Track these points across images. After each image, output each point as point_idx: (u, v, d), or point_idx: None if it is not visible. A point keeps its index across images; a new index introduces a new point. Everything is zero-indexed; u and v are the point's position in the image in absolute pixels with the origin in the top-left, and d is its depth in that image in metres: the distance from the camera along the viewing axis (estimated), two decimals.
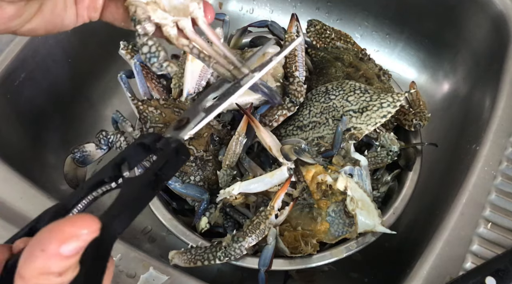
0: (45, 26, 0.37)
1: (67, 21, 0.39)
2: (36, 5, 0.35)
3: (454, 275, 0.50)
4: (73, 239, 0.26)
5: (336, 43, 0.78)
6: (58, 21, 0.38)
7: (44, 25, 0.37)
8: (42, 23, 0.37)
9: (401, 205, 0.63)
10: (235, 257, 0.54)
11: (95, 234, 0.27)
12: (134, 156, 0.37)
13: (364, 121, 0.62)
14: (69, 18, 0.39)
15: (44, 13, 0.36)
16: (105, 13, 0.40)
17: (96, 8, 0.40)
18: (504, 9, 0.73)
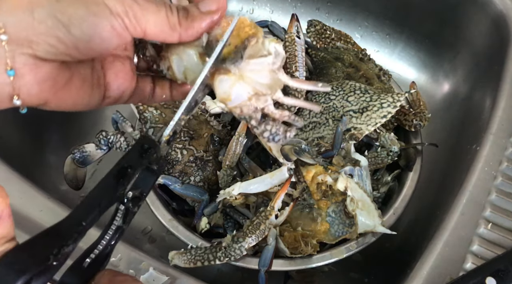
0: (73, 99, 0.38)
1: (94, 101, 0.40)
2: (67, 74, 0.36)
3: (454, 275, 0.49)
4: None
5: (336, 43, 0.78)
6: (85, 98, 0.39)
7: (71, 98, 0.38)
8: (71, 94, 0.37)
9: (401, 205, 0.63)
10: (235, 258, 0.54)
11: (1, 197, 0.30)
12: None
13: (364, 121, 0.62)
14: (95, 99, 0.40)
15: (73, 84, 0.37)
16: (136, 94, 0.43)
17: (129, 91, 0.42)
18: (504, 9, 0.73)
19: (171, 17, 0.37)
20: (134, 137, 0.67)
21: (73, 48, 0.34)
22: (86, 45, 0.34)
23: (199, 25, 0.37)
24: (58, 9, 0.33)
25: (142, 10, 0.35)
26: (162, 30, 0.36)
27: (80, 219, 0.32)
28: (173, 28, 0.37)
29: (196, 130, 0.67)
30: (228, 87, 0.39)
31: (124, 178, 0.36)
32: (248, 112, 0.40)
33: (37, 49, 0.33)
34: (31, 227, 0.53)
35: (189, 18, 0.37)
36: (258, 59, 0.39)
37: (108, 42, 0.35)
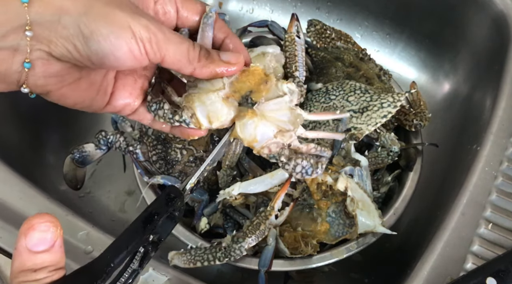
0: (74, 98, 0.40)
1: (95, 105, 0.42)
2: (76, 75, 0.39)
3: (455, 275, 0.49)
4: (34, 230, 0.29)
5: (337, 43, 0.78)
6: (88, 100, 0.41)
7: (74, 97, 0.40)
8: (74, 93, 0.40)
9: (401, 205, 0.63)
10: (234, 258, 0.54)
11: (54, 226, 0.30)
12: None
13: (365, 121, 0.62)
14: (97, 103, 0.43)
15: (80, 86, 0.40)
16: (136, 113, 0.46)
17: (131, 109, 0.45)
18: (505, 9, 0.73)
19: (192, 52, 0.40)
20: (133, 137, 0.67)
21: (86, 58, 0.36)
22: (100, 60, 0.36)
23: (214, 68, 0.41)
24: (83, 22, 0.35)
25: (166, 39, 0.38)
26: (179, 60, 0.39)
27: (110, 261, 0.34)
28: (191, 61, 0.40)
29: None
30: (253, 129, 0.42)
31: (150, 223, 0.39)
32: (276, 150, 0.43)
33: (54, 50, 0.35)
34: None
35: (209, 59, 0.41)
36: (275, 99, 0.43)
37: (122, 62, 0.37)
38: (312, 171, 0.46)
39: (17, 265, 0.29)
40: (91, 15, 0.35)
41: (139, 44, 0.36)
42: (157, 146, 0.65)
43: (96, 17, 0.35)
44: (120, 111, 0.45)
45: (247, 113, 0.42)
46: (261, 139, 0.43)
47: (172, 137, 0.65)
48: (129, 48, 0.36)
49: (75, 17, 0.35)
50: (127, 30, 0.36)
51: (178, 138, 0.65)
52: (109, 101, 0.43)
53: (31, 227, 0.29)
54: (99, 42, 0.35)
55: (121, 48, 0.36)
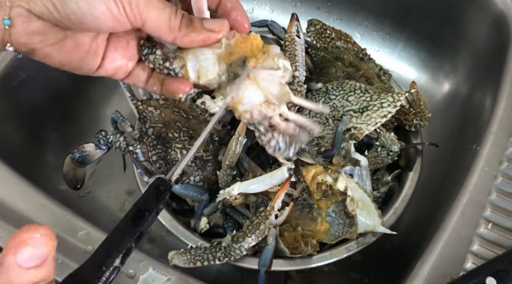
0: (60, 58, 0.40)
1: (85, 67, 0.42)
2: (60, 35, 0.38)
3: (455, 275, 0.49)
4: (26, 246, 0.26)
5: (336, 42, 0.78)
6: (75, 61, 0.41)
7: (59, 57, 0.40)
8: (59, 53, 0.39)
9: (401, 205, 0.63)
10: (234, 258, 0.54)
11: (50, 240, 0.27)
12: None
13: (365, 121, 0.62)
14: (87, 66, 0.42)
15: (65, 46, 0.39)
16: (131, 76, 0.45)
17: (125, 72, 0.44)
18: (505, 8, 0.73)
19: (173, 19, 0.38)
20: (133, 137, 0.67)
21: (66, 18, 0.36)
22: (79, 19, 0.36)
23: (195, 37, 0.39)
24: None
25: (147, 2, 0.37)
26: (160, 27, 0.38)
27: (101, 264, 0.33)
28: (172, 29, 0.38)
29: (195, 130, 0.67)
30: (242, 90, 0.41)
31: (140, 220, 0.37)
32: (258, 118, 0.42)
33: (33, 7, 0.35)
34: None
35: (190, 27, 0.39)
36: (270, 70, 0.42)
37: (102, 22, 0.37)
38: (284, 149, 0.45)
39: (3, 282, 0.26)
40: None
41: (118, 4, 0.36)
42: (157, 146, 0.65)
43: None
44: (113, 74, 0.44)
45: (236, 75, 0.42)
46: (247, 102, 0.42)
47: (172, 137, 0.65)
48: (108, 8, 0.36)
49: None
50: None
51: (178, 138, 0.65)
52: (101, 64, 0.42)
53: (22, 242, 0.26)
54: (77, 2, 0.35)
55: (99, 7, 0.36)
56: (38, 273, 0.27)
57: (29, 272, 0.27)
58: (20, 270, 0.26)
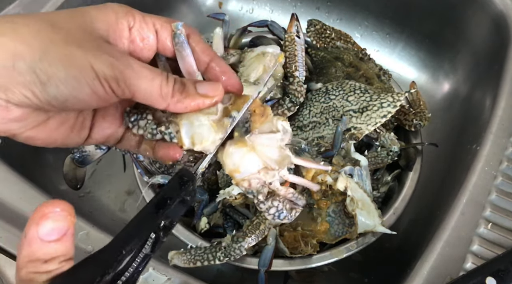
0: (45, 139, 0.38)
1: (71, 142, 0.39)
2: (41, 118, 0.36)
3: (455, 275, 0.49)
4: (47, 219, 0.28)
5: (336, 43, 0.78)
6: (60, 139, 0.39)
7: (43, 138, 0.37)
8: (43, 135, 0.37)
9: (401, 205, 0.63)
10: (234, 258, 0.54)
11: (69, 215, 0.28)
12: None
13: (364, 121, 0.62)
14: (74, 140, 0.40)
15: (48, 126, 0.37)
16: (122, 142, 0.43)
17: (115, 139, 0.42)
18: (505, 9, 0.73)
19: (165, 87, 0.36)
20: None
21: (46, 103, 0.34)
22: (61, 104, 0.34)
23: (189, 103, 0.37)
24: (39, 67, 0.32)
25: (136, 76, 0.35)
26: (151, 97, 0.36)
27: (121, 248, 0.32)
28: (164, 97, 0.36)
29: None
30: (238, 159, 0.40)
31: (163, 208, 0.36)
32: (256, 186, 0.41)
33: (12, 97, 0.33)
34: None
35: (184, 93, 0.37)
36: (268, 134, 0.40)
37: (87, 103, 0.35)
38: (284, 217, 0.45)
39: (26, 254, 0.28)
40: (47, 59, 0.32)
41: (104, 84, 0.34)
42: None
43: (52, 61, 0.32)
44: (104, 142, 0.42)
45: (238, 141, 0.40)
46: (244, 171, 0.41)
47: None
48: (92, 90, 0.34)
49: (30, 62, 0.32)
50: (88, 71, 0.33)
51: None
52: (90, 135, 0.40)
53: (44, 215, 0.28)
54: (58, 87, 0.33)
55: (82, 90, 0.33)
56: (58, 247, 0.28)
57: (50, 245, 0.28)
58: (41, 243, 0.27)
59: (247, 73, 0.68)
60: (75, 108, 0.35)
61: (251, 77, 0.67)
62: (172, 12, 0.97)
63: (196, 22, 0.99)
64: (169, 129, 0.40)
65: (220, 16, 0.76)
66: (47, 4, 0.75)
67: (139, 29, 0.38)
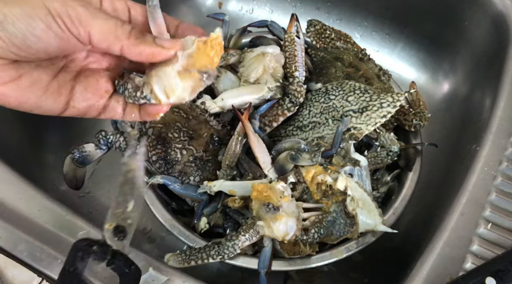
0: (17, 97, 0.39)
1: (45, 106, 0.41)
2: (13, 73, 0.38)
3: (454, 275, 0.49)
4: None
5: (336, 43, 0.78)
6: (33, 99, 0.40)
7: (16, 96, 0.39)
8: (15, 92, 0.38)
9: (401, 205, 0.63)
10: (228, 256, 0.54)
11: None
12: None
13: (364, 121, 0.62)
14: (48, 104, 0.41)
15: (21, 84, 0.38)
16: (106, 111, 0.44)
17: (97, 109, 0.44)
18: (504, 9, 0.73)
19: (120, 28, 0.38)
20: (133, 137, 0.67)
21: (10, 44, 0.35)
22: (23, 42, 0.36)
23: (144, 49, 0.39)
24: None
25: (88, 14, 0.37)
26: (107, 37, 0.38)
27: None
28: (119, 37, 0.38)
29: (195, 130, 0.67)
30: (284, 227, 0.54)
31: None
32: (298, 232, 0.55)
33: None
34: (30, 227, 0.53)
35: (140, 39, 0.39)
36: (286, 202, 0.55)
37: (46, 42, 0.36)
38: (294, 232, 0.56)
39: None
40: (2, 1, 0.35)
41: (57, 20, 0.36)
42: (157, 146, 0.65)
43: (7, 2, 0.35)
44: (85, 113, 0.44)
45: (278, 217, 0.53)
46: (291, 231, 0.54)
47: (172, 137, 0.65)
48: (47, 25, 0.36)
49: None
50: (41, 8, 0.35)
51: (178, 138, 0.65)
52: (70, 104, 0.42)
53: None
54: (14, 23, 0.35)
55: (37, 26, 0.35)
56: None
57: None
58: None
59: (247, 73, 0.68)
60: (38, 49, 0.37)
61: (251, 77, 0.67)
62: (172, 12, 0.97)
63: (196, 22, 0.99)
64: (143, 93, 0.42)
65: (220, 16, 0.76)
66: None
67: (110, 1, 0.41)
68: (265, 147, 0.61)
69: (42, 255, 0.50)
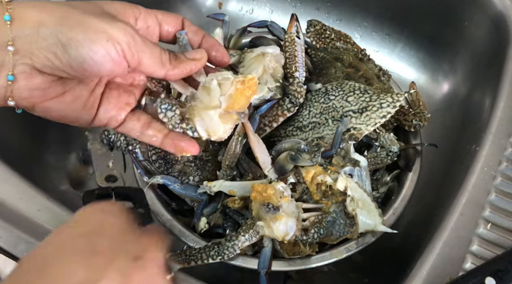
0: (60, 112, 0.42)
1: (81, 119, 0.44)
2: (60, 89, 0.41)
3: (454, 275, 0.49)
4: None
5: (336, 43, 0.78)
6: (73, 114, 0.43)
7: (59, 110, 0.42)
8: (59, 107, 0.42)
9: (400, 205, 0.63)
10: (228, 256, 0.54)
11: None
12: None
13: (364, 121, 0.62)
14: (84, 118, 0.44)
15: (65, 99, 0.42)
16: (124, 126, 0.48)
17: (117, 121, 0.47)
18: (504, 9, 0.73)
19: (164, 55, 0.43)
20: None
21: (67, 65, 0.38)
22: (80, 65, 0.39)
23: (184, 67, 0.44)
24: (60, 31, 0.37)
25: (142, 42, 0.41)
26: (154, 64, 0.42)
27: None
28: (163, 64, 0.43)
29: None
30: (284, 227, 0.53)
31: None
32: (298, 233, 0.55)
33: (36, 61, 0.38)
34: (30, 227, 0.53)
35: (178, 60, 0.44)
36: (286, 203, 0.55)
37: (102, 65, 0.39)
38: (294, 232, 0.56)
39: None
40: (67, 24, 0.37)
41: (116, 46, 0.38)
42: None
43: (72, 26, 0.37)
44: (106, 124, 0.46)
45: (278, 217, 0.53)
46: (290, 231, 0.54)
47: None
48: (106, 51, 0.38)
49: (52, 28, 0.37)
50: (102, 35, 0.38)
51: None
52: (96, 114, 0.45)
53: None
54: (77, 47, 0.37)
55: (98, 51, 0.38)
56: None
57: None
58: None
59: (247, 74, 0.68)
60: (92, 71, 0.39)
61: None
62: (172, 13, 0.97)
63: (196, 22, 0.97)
64: (189, 125, 0.46)
65: (220, 16, 0.77)
66: None
67: (144, 19, 0.44)
68: (265, 147, 0.61)
69: None
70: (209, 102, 0.46)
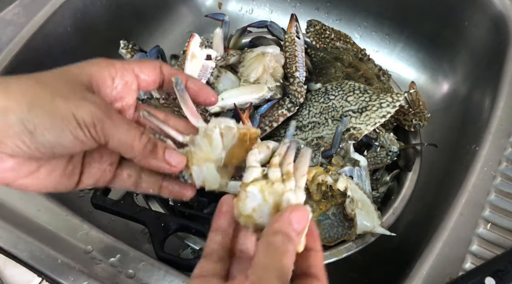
0: (37, 185, 0.41)
1: (61, 187, 0.43)
2: (33, 166, 0.40)
3: (454, 275, 0.49)
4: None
5: (336, 43, 0.78)
6: (50, 186, 0.42)
7: (36, 185, 0.41)
8: (34, 182, 0.40)
9: (400, 205, 0.63)
10: None
11: None
12: None
13: (364, 121, 0.62)
14: (63, 186, 0.43)
15: (40, 174, 0.40)
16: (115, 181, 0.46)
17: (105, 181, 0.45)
18: (504, 9, 0.73)
19: (137, 141, 0.41)
20: None
21: (36, 150, 0.38)
22: (49, 149, 0.38)
23: (154, 163, 0.42)
24: (27, 118, 0.36)
25: (112, 125, 0.39)
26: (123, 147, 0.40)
27: None
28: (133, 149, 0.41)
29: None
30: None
31: None
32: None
33: (5, 148, 0.37)
34: (30, 227, 0.53)
35: (153, 154, 0.42)
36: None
37: (71, 148, 0.39)
38: None
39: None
40: (34, 111, 0.36)
41: (84, 130, 0.37)
42: None
43: (39, 113, 0.37)
44: (95, 184, 0.45)
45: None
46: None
47: None
48: (74, 136, 0.37)
49: (19, 114, 0.36)
50: (70, 120, 0.37)
51: None
52: (80, 180, 0.44)
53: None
54: (44, 135, 0.37)
55: (66, 137, 0.37)
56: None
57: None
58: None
59: (247, 73, 0.68)
60: (62, 153, 0.39)
61: (251, 77, 0.67)
62: (172, 13, 0.97)
63: (196, 22, 0.99)
64: (182, 173, 0.44)
65: (219, 16, 0.77)
66: (47, 5, 0.75)
67: (121, 77, 0.43)
68: None
69: (42, 255, 0.50)
70: (209, 152, 0.44)
